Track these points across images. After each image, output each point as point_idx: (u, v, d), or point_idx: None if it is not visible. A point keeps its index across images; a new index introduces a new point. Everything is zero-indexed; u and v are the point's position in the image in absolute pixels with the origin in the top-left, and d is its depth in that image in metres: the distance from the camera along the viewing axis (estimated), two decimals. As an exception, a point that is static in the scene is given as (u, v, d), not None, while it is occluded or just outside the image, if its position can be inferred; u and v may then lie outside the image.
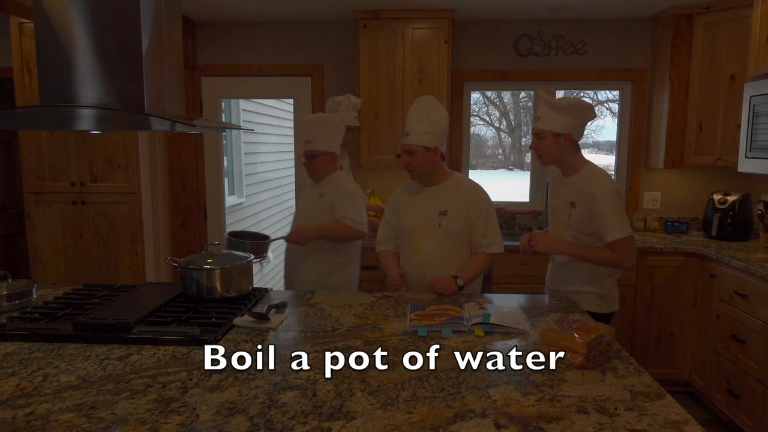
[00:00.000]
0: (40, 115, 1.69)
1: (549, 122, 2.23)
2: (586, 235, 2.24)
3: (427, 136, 2.28)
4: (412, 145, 2.28)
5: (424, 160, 2.30)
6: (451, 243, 2.33)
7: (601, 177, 2.22)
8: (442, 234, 2.32)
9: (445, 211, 2.32)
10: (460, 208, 2.32)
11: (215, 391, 1.35)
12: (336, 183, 2.72)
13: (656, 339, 3.50)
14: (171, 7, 1.77)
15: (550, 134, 2.24)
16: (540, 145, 2.28)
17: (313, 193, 2.77)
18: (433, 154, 2.31)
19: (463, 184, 2.40)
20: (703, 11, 3.53)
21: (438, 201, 2.35)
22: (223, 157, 4.47)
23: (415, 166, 2.31)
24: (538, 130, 2.28)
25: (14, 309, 1.99)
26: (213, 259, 2.12)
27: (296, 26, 4.08)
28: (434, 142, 2.29)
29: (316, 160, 2.71)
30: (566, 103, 2.24)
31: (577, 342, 1.52)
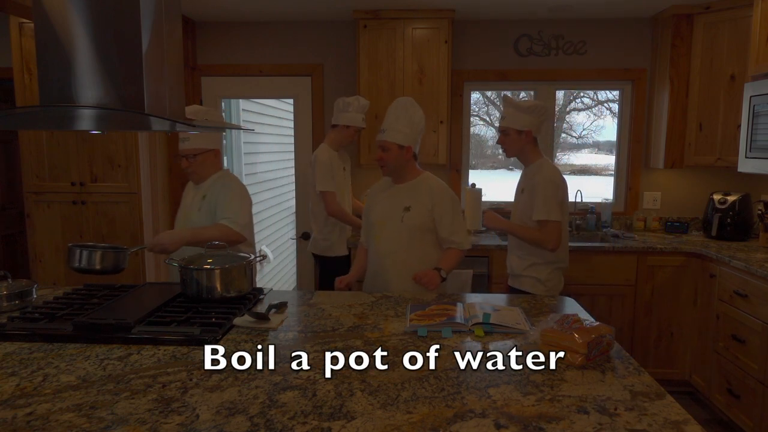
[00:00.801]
0: (40, 115, 1.69)
1: (513, 121, 2.54)
2: (528, 220, 2.58)
3: (402, 135, 2.37)
4: (386, 142, 2.38)
5: (397, 158, 2.39)
6: (413, 238, 2.41)
7: (546, 168, 2.57)
8: (404, 228, 2.40)
9: (409, 207, 2.41)
10: (424, 205, 2.39)
11: (215, 391, 1.35)
12: (221, 182, 2.51)
13: (656, 339, 3.50)
14: (171, 7, 1.76)
15: (514, 131, 2.56)
16: (505, 141, 2.60)
17: (196, 196, 2.54)
18: (406, 153, 2.40)
19: (430, 183, 2.46)
20: (703, 11, 3.53)
21: (404, 197, 2.44)
22: (223, 157, 4.47)
23: (387, 162, 2.40)
24: (503, 128, 2.59)
25: (14, 309, 1.99)
26: (213, 259, 2.12)
27: (296, 26, 4.08)
28: (408, 141, 2.39)
29: (196, 159, 2.47)
30: (528, 104, 2.56)
31: (577, 342, 1.52)
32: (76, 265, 2.10)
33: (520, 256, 2.67)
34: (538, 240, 2.54)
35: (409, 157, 2.41)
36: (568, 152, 7.63)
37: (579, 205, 4.10)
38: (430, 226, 2.40)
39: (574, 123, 7.24)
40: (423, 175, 2.48)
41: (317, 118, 4.15)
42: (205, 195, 2.51)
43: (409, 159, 2.42)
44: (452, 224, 2.40)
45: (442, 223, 2.40)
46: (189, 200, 2.59)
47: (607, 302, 3.48)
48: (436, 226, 2.41)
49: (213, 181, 2.53)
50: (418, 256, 2.40)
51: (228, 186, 2.49)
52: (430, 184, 2.44)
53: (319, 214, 3.33)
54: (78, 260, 2.09)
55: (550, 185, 2.51)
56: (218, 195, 2.47)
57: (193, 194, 2.58)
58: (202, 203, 2.50)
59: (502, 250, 3.45)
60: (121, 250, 2.17)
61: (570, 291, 3.35)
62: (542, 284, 2.63)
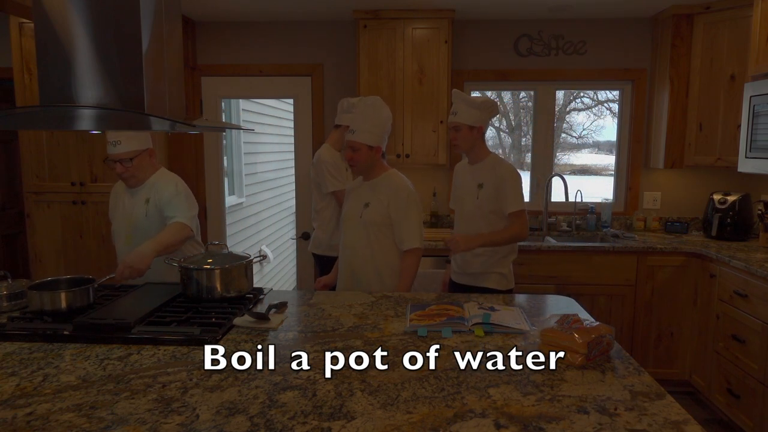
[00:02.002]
0: (40, 115, 1.69)
1: (465, 117, 2.56)
2: (490, 212, 2.59)
3: (371, 135, 2.41)
4: (356, 143, 2.42)
5: (366, 157, 2.44)
6: (371, 234, 2.45)
7: (505, 162, 2.63)
8: (362, 225, 2.46)
9: (368, 203, 2.47)
10: (381, 201, 2.44)
11: (215, 391, 1.35)
12: (162, 182, 2.46)
13: (656, 339, 3.50)
14: (171, 7, 1.76)
15: (465, 127, 2.57)
16: (457, 137, 2.60)
17: (136, 201, 2.45)
18: (375, 152, 2.45)
19: (390, 180, 2.48)
20: (703, 11, 3.53)
21: (366, 194, 2.50)
22: (223, 157, 4.47)
23: (358, 162, 2.45)
24: (455, 124, 2.59)
25: (14, 309, 1.99)
26: (213, 259, 2.12)
27: (296, 26, 4.08)
28: (377, 141, 2.43)
29: (132, 163, 2.37)
30: (479, 100, 2.58)
31: (577, 342, 1.52)
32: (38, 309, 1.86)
33: (480, 255, 2.64)
34: (517, 235, 2.55)
35: (377, 156, 2.47)
36: (568, 152, 7.63)
37: (579, 205, 4.10)
38: (387, 223, 2.44)
39: (574, 123, 7.24)
40: (387, 172, 2.52)
41: (317, 118, 4.15)
42: (148, 198, 2.42)
43: (377, 158, 2.48)
44: (401, 223, 2.43)
45: (394, 220, 2.44)
46: (129, 207, 2.46)
47: (607, 302, 3.48)
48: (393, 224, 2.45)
49: (153, 183, 2.45)
50: (376, 252, 2.45)
51: (170, 182, 2.44)
52: (391, 182, 2.48)
53: (325, 213, 3.33)
54: (39, 304, 1.86)
55: (516, 177, 2.58)
56: (162, 195, 2.40)
57: (130, 200, 2.46)
58: (147, 208, 2.42)
59: (502, 250, 3.45)
60: (89, 282, 1.98)
61: (570, 291, 3.36)
62: (505, 279, 2.66)
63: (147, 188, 2.45)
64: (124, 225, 2.47)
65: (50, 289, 1.91)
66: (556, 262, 3.44)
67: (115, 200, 2.55)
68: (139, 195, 2.45)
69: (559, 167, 5.08)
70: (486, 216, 2.60)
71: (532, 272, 3.45)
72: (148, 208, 2.42)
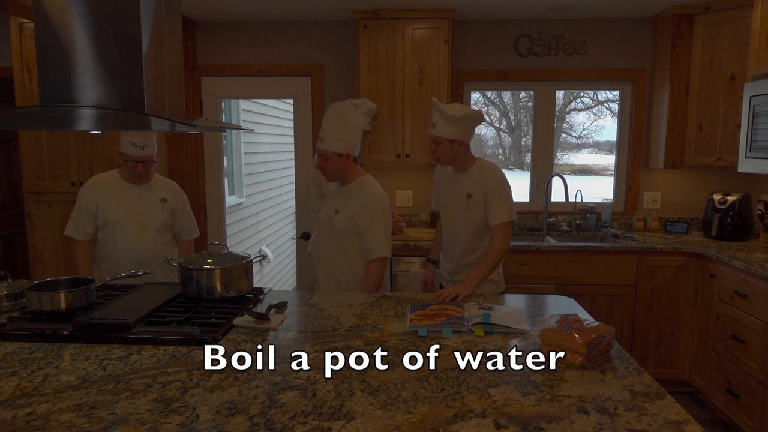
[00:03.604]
0: (40, 115, 1.69)
1: (444, 131, 2.44)
2: (480, 222, 2.50)
3: (340, 142, 2.38)
4: (325, 151, 2.39)
5: (337, 165, 2.41)
6: (338, 241, 2.44)
7: (493, 168, 2.54)
8: (332, 231, 2.45)
9: (338, 210, 2.45)
10: (349, 208, 2.42)
11: (215, 391, 1.35)
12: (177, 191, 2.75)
13: (656, 339, 3.50)
14: (171, 7, 1.76)
15: (445, 141, 2.45)
16: (437, 150, 2.49)
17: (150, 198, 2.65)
18: (345, 159, 2.41)
19: (360, 188, 2.45)
20: (703, 11, 3.53)
21: (337, 200, 2.48)
22: (223, 157, 4.47)
23: (328, 170, 2.43)
24: (434, 137, 2.48)
25: (14, 309, 1.99)
26: (213, 259, 2.12)
27: (296, 26, 4.08)
28: (347, 148, 2.40)
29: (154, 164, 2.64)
30: (458, 113, 2.43)
31: (577, 342, 1.52)
32: (37, 309, 1.86)
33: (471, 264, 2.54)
34: (502, 251, 2.44)
35: (349, 162, 2.43)
36: (568, 152, 7.63)
37: (579, 205, 4.10)
38: (355, 230, 2.41)
39: (574, 123, 7.24)
40: (359, 179, 2.47)
41: (317, 118, 4.15)
42: (164, 198, 2.67)
43: (349, 164, 2.43)
44: (367, 231, 2.39)
45: (360, 229, 2.40)
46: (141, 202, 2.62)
47: (607, 302, 3.48)
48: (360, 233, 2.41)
49: (160, 182, 2.70)
50: (341, 259, 2.44)
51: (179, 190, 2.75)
52: (361, 189, 2.44)
53: None
54: (39, 304, 1.86)
55: (505, 185, 2.49)
56: (178, 202, 2.71)
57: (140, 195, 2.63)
58: (164, 205, 2.67)
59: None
60: (88, 282, 1.99)
61: (570, 291, 3.36)
62: (495, 284, 2.59)
63: (157, 187, 2.68)
64: (134, 218, 2.60)
65: (50, 289, 1.91)
66: (556, 262, 3.44)
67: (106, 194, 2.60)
68: (151, 192, 2.65)
69: (559, 167, 5.08)
70: (475, 226, 2.52)
71: (532, 272, 3.45)
72: (164, 206, 2.66)
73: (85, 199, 2.59)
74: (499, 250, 2.44)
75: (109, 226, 2.59)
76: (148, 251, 2.60)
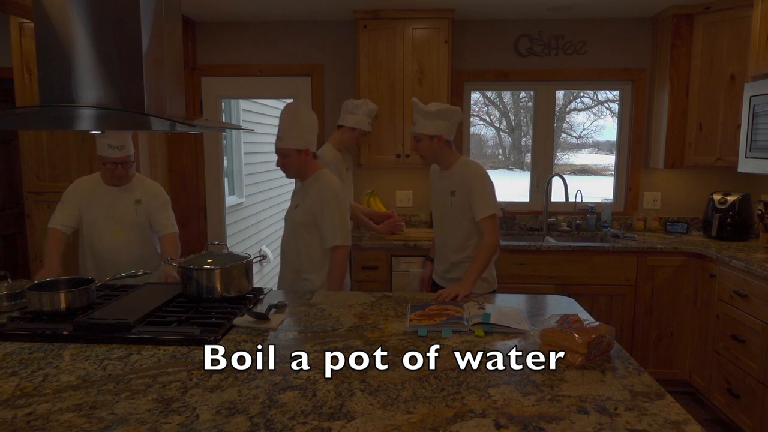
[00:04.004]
0: (40, 115, 1.69)
1: (423, 127, 2.50)
2: (465, 219, 2.53)
3: (297, 140, 2.45)
4: (285, 149, 2.46)
5: (297, 162, 2.48)
6: (296, 234, 2.52)
7: (474, 165, 2.59)
8: (292, 225, 2.54)
9: (297, 204, 2.54)
10: (307, 202, 2.49)
11: (215, 391, 1.35)
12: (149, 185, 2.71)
13: (656, 339, 3.50)
14: (171, 7, 1.76)
15: (425, 137, 2.51)
16: (418, 147, 2.55)
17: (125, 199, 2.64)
18: (305, 155, 2.49)
19: (318, 181, 2.52)
20: (703, 11, 3.53)
21: (297, 195, 2.57)
22: (223, 157, 4.47)
23: (289, 167, 2.50)
24: (415, 134, 2.54)
25: (14, 309, 1.99)
26: (213, 259, 2.12)
27: (296, 26, 4.08)
28: (305, 144, 2.47)
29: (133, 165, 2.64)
30: (435, 108, 2.49)
31: (577, 342, 1.52)
32: (37, 309, 1.86)
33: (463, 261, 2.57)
34: (492, 246, 2.46)
35: (308, 158, 2.50)
36: (568, 152, 7.63)
37: (579, 205, 4.10)
38: (312, 222, 2.48)
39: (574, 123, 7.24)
40: (317, 173, 2.54)
41: (318, 118, 4.14)
42: (139, 200, 2.65)
43: (308, 160, 2.51)
44: (323, 221, 2.46)
45: (317, 220, 2.47)
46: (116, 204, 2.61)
47: (607, 302, 3.48)
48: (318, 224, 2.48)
49: (139, 183, 2.68)
50: (302, 251, 2.51)
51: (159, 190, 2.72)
52: (318, 182, 2.51)
53: None
54: (39, 304, 1.85)
55: (485, 180, 2.52)
56: (154, 201, 2.67)
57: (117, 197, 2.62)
58: (137, 207, 2.64)
59: (502, 251, 3.45)
60: (88, 282, 1.99)
61: (570, 291, 3.36)
62: (487, 282, 2.60)
63: (135, 188, 2.66)
64: (109, 221, 2.61)
65: (50, 289, 1.92)
66: (556, 262, 3.44)
67: (88, 196, 2.63)
68: (127, 194, 2.64)
69: (559, 167, 5.08)
70: (461, 223, 2.56)
71: (532, 272, 3.45)
72: (137, 208, 2.64)
73: (69, 201, 2.64)
74: (489, 245, 2.46)
75: (87, 227, 2.63)
76: (122, 252, 2.62)
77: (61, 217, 2.61)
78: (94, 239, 2.62)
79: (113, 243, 2.61)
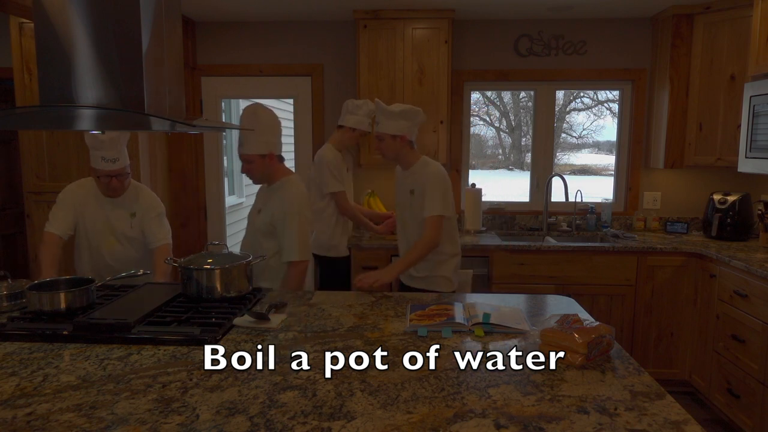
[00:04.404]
0: (40, 115, 1.69)
1: (386, 127, 2.55)
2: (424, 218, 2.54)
3: (259, 144, 2.37)
4: (248, 155, 2.39)
5: (261, 167, 2.41)
6: (256, 239, 2.47)
7: (432, 165, 2.61)
8: (253, 230, 2.51)
9: (260, 209, 2.49)
10: (269, 208, 2.44)
11: (215, 391, 1.35)
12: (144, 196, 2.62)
13: (656, 339, 3.50)
14: (171, 7, 1.76)
15: (388, 137, 2.56)
16: (381, 146, 2.60)
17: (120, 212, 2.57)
18: (269, 160, 2.41)
19: (283, 189, 2.44)
20: (703, 11, 3.53)
21: (262, 200, 2.51)
22: (223, 157, 4.47)
23: (254, 173, 2.44)
24: (378, 134, 2.59)
25: (14, 309, 1.99)
26: (213, 259, 2.12)
27: (296, 26, 4.08)
28: (269, 148, 2.39)
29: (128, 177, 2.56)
30: (398, 109, 2.54)
31: (577, 342, 1.52)
32: (37, 309, 1.86)
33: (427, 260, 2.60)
34: (429, 243, 2.50)
35: (273, 162, 2.42)
36: (568, 152, 7.63)
37: (579, 205, 4.10)
38: (272, 231, 2.42)
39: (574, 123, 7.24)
40: (284, 178, 2.47)
41: (317, 118, 4.15)
42: (133, 213, 2.58)
43: (273, 164, 2.43)
44: (283, 234, 2.38)
45: (278, 231, 2.40)
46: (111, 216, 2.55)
47: (607, 302, 3.48)
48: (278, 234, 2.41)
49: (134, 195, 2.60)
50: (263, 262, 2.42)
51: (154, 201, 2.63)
52: (284, 190, 2.42)
53: (325, 214, 3.33)
54: (39, 304, 1.85)
55: (440, 180, 2.55)
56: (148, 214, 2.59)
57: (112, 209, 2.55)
58: (132, 221, 2.58)
59: (502, 251, 3.45)
60: (88, 282, 1.99)
61: (570, 291, 3.36)
62: (450, 281, 2.65)
63: (130, 200, 2.59)
64: (105, 233, 2.56)
65: (50, 289, 1.91)
66: (556, 262, 3.44)
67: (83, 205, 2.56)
68: (122, 206, 2.57)
69: (559, 167, 5.08)
70: (420, 223, 2.57)
71: (532, 272, 3.45)
72: (132, 221, 2.58)
73: (65, 206, 2.56)
74: (426, 242, 2.50)
75: (82, 235, 2.58)
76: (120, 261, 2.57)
77: (57, 222, 2.53)
78: (92, 247, 2.58)
79: (110, 254, 2.58)
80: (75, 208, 2.56)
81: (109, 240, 2.57)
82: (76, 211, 2.57)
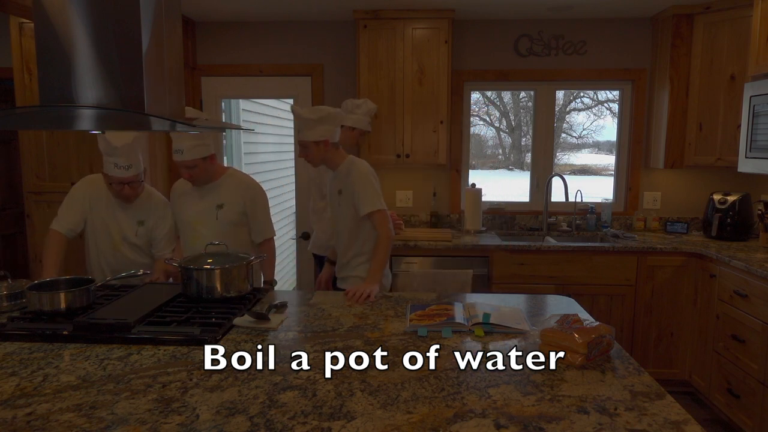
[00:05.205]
0: (40, 115, 1.69)
1: (307, 134, 2.51)
2: (351, 218, 2.56)
3: (200, 148, 2.43)
4: (188, 161, 2.43)
5: (204, 170, 2.49)
6: (227, 233, 2.55)
7: (358, 163, 2.59)
8: (219, 225, 2.56)
9: (222, 204, 2.56)
10: (234, 201, 2.56)
11: (215, 391, 1.35)
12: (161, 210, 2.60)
13: (656, 339, 3.50)
14: (171, 7, 1.76)
15: (311, 144, 2.52)
16: (306, 154, 2.56)
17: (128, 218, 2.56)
18: (211, 161, 2.50)
19: (238, 180, 2.61)
20: (703, 11, 3.53)
21: (215, 196, 2.57)
22: (223, 157, 4.47)
23: (198, 177, 2.50)
24: (300, 142, 2.56)
25: (14, 309, 1.99)
26: (213, 259, 2.12)
27: (296, 26, 4.08)
28: (208, 150, 2.46)
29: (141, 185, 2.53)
30: (316, 115, 2.48)
31: (577, 342, 1.52)
32: (37, 309, 1.87)
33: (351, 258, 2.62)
34: (387, 239, 2.48)
35: (214, 162, 2.53)
36: (568, 152, 7.62)
37: (579, 205, 4.10)
38: (244, 221, 2.59)
39: (574, 123, 7.23)
40: (228, 172, 2.62)
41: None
42: (142, 221, 2.55)
43: (214, 163, 2.54)
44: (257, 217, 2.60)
45: (250, 217, 2.59)
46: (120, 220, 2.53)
47: (607, 302, 3.48)
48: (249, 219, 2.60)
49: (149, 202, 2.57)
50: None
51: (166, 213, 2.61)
52: (240, 181, 2.60)
53: (324, 214, 3.32)
54: (39, 304, 1.86)
55: (368, 177, 2.54)
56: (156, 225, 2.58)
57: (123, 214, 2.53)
58: (139, 229, 2.54)
59: (502, 251, 3.45)
60: (88, 282, 1.99)
61: (570, 291, 3.36)
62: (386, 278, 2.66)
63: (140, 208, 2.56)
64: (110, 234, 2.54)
65: (50, 289, 1.91)
66: (556, 262, 3.44)
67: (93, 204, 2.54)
68: (131, 213, 2.55)
69: (559, 167, 5.08)
70: (347, 222, 2.58)
71: (532, 272, 3.45)
72: (138, 229, 2.55)
73: (75, 204, 2.52)
74: (384, 239, 2.48)
75: (88, 232, 2.56)
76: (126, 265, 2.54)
77: (64, 220, 2.49)
78: (98, 247, 2.56)
79: (114, 256, 2.55)
80: (84, 206, 2.53)
81: (113, 242, 2.54)
82: (85, 209, 2.53)
